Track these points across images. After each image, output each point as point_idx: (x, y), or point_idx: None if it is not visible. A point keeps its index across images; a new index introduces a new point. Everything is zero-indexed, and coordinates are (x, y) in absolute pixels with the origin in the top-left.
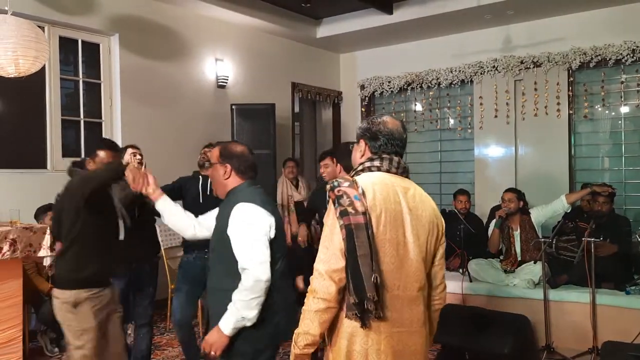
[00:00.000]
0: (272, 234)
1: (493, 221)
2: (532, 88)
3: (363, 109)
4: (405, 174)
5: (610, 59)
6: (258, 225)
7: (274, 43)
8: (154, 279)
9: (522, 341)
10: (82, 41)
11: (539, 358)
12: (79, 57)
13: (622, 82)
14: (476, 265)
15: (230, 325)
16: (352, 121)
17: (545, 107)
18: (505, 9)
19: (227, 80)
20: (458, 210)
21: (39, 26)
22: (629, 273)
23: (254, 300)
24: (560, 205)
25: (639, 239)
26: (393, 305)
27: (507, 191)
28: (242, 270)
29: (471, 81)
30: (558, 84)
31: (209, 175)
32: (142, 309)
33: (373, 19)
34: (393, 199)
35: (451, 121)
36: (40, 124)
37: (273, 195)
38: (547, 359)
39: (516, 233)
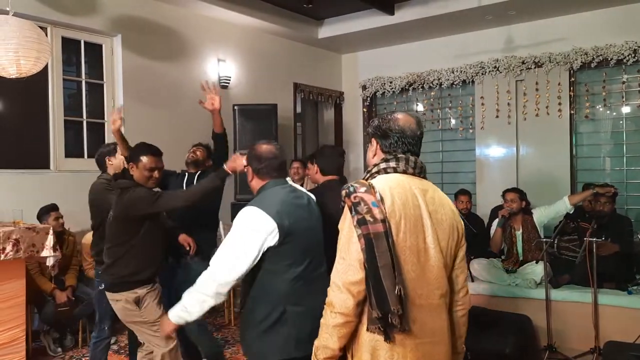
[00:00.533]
0: (275, 240)
1: (495, 220)
2: (534, 88)
3: (365, 110)
4: (423, 175)
5: (611, 59)
6: (248, 229)
7: (275, 43)
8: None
9: (524, 341)
10: (85, 42)
11: (541, 358)
12: (81, 58)
13: (624, 82)
14: (478, 265)
15: (174, 312)
16: (354, 122)
17: (547, 107)
18: (507, 10)
19: (229, 80)
20: (459, 211)
21: (42, 27)
22: (631, 273)
23: (200, 298)
24: (563, 206)
25: None
26: (416, 316)
27: (510, 191)
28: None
29: (472, 81)
30: (559, 84)
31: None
32: None
33: (375, 20)
34: (412, 203)
35: (452, 121)
36: (43, 125)
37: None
38: (549, 358)
39: (518, 233)
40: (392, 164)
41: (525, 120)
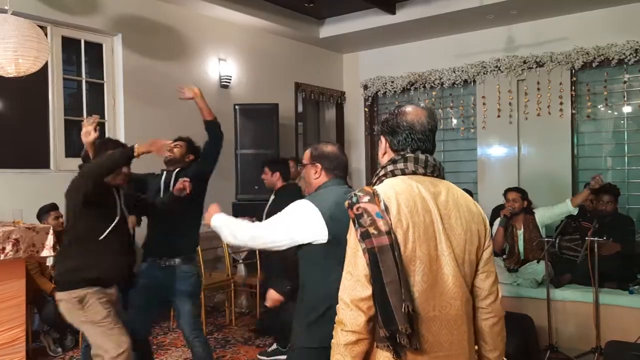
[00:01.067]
0: (321, 236)
1: (497, 220)
2: (535, 88)
3: (366, 109)
4: (437, 173)
5: (613, 59)
6: (294, 213)
7: (277, 43)
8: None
9: (525, 341)
10: (85, 41)
11: (542, 358)
12: (81, 57)
13: (625, 82)
14: None
15: (220, 219)
16: (356, 121)
17: (548, 107)
18: (508, 9)
19: (230, 80)
20: None
21: (42, 26)
22: (632, 272)
23: (232, 233)
24: (565, 209)
25: None
26: (429, 328)
27: (512, 191)
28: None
29: (474, 81)
30: (561, 83)
31: (303, 175)
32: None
33: (376, 19)
34: (422, 209)
35: (454, 121)
36: (43, 124)
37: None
38: (550, 358)
39: (520, 232)
40: (400, 165)
41: (526, 120)
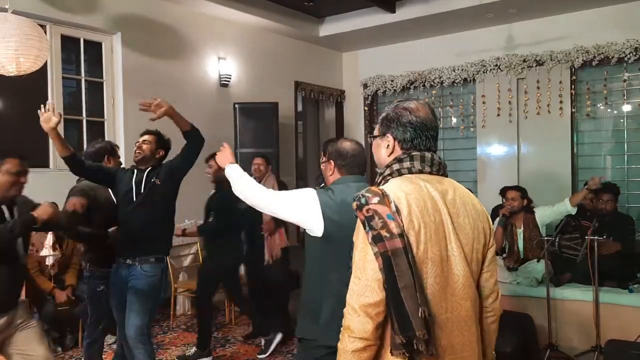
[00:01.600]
0: (317, 228)
1: (497, 219)
2: (535, 87)
3: (366, 108)
4: (442, 172)
5: (612, 57)
6: (299, 196)
7: (276, 42)
8: None
9: (525, 340)
10: (85, 40)
11: (542, 357)
12: (81, 56)
13: (625, 81)
14: None
15: (235, 169)
16: (355, 120)
17: (548, 106)
18: (508, 8)
19: (230, 79)
20: None
21: (41, 25)
22: (632, 271)
23: (244, 188)
24: (564, 208)
25: None
26: (442, 331)
27: (511, 189)
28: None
29: (474, 80)
30: (560, 82)
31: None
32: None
33: (376, 18)
34: (432, 208)
35: (454, 120)
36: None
37: None
38: (550, 357)
39: (519, 231)
40: (406, 164)
41: (526, 118)
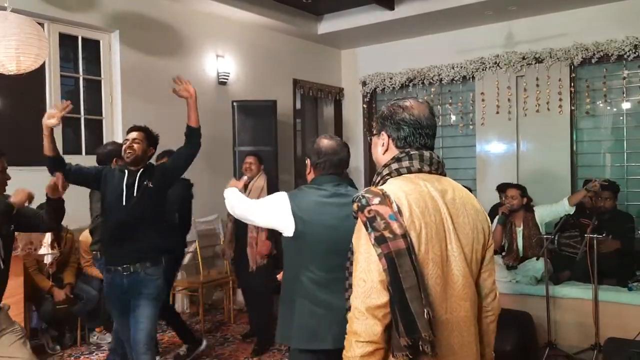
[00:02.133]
0: (287, 228)
1: (496, 217)
2: (534, 84)
3: (365, 106)
4: (440, 171)
5: (612, 55)
6: (265, 203)
7: (275, 39)
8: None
9: (525, 338)
10: (82, 38)
11: (542, 355)
12: (79, 54)
13: (624, 78)
14: None
15: (228, 194)
16: (354, 118)
17: (547, 103)
18: (507, 5)
19: (228, 76)
20: None
21: (39, 22)
22: (631, 269)
23: (232, 203)
24: (562, 209)
25: None
26: (442, 332)
27: (511, 187)
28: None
29: (473, 77)
30: (560, 79)
31: None
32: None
33: (374, 15)
34: (432, 208)
35: (453, 117)
36: (40, 122)
37: None
38: (550, 355)
39: (519, 229)
40: (405, 163)
41: (525, 116)
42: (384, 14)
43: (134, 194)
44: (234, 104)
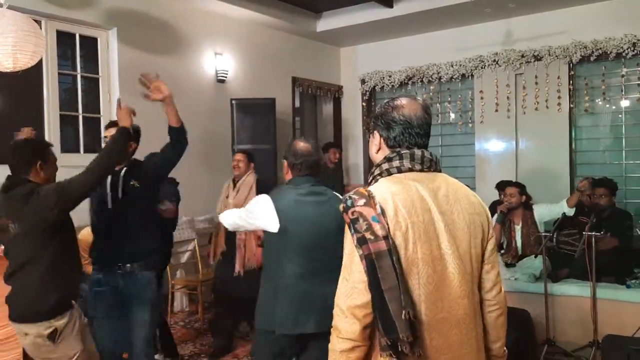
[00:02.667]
0: (272, 225)
1: (495, 215)
2: (533, 82)
3: (364, 104)
4: (434, 168)
5: (611, 53)
6: (251, 209)
7: (273, 37)
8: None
9: (523, 335)
10: (80, 35)
11: (540, 352)
12: (76, 52)
13: (623, 76)
14: None
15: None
16: (353, 116)
17: (546, 101)
18: (506, 2)
19: (227, 74)
20: None
21: (36, 20)
22: (630, 267)
23: (227, 224)
24: (561, 210)
25: None
26: (438, 331)
27: (510, 186)
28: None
29: (472, 75)
30: (559, 77)
31: None
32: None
33: (373, 13)
34: (421, 208)
35: (452, 115)
36: (38, 120)
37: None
38: (548, 353)
39: (518, 227)
40: (396, 163)
41: (524, 114)
42: (383, 12)
43: (119, 196)
44: (233, 102)
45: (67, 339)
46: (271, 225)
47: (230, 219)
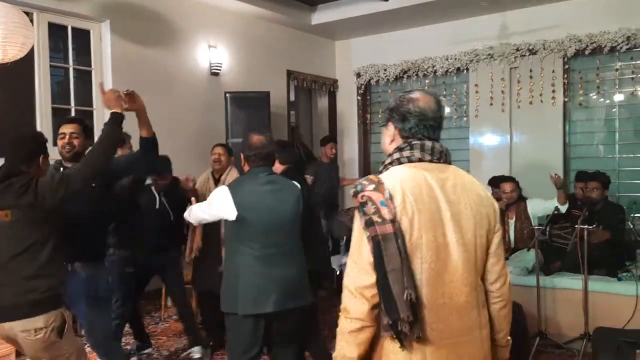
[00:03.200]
0: (230, 214)
1: None
2: (528, 76)
3: (359, 97)
4: (444, 160)
5: (605, 46)
6: (211, 200)
7: (268, 29)
8: None
9: (515, 328)
10: (72, 27)
11: (532, 344)
12: (68, 44)
13: (617, 70)
14: None
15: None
16: (348, 110)
17: (541, 95)
18: None
19: (221, 67)
20: None
21: (27, 12)
22: (621, 260)
23: (191, 219)
24: (553, 206)
25: (632, 226)
26: (439, 316)
27: (506, 182)
28: None
29: (467, 69)
30: (553, 71)
31: None
32: None
33: (368, 6)
34: (428, 196)
35: (447, 109)
36: (30, 113)
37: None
38: (540, 345)
39: (511, 221)
40: (406, 152)
41: (519, 108)
42: (378, 5)
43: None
44: (227, 95)
45: (69, 333)
46: (230, 214)
47: (194, 214)
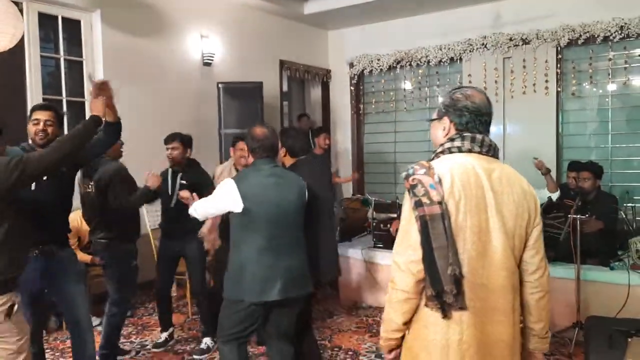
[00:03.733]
0: (237, 207)
1: None
2: (521, 66)
3: (352, 88)
4: (492, 153)
5: (598, 36)
6: (217, 193)
7: (260, 19)
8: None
9: None
10: (63, 17)
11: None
12: (59, 34)
13: (610, 60)
14: None
15: (195, 204)
16: (342, 100)
17: (534, 85)
18: None
19: (213, 57)
20: None
21: (17, 2)
22: (614, 249)
23: (194, 213)
24: (546, 195)
25: (624, 216)
26: (477, 294)
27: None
28: None
29: (460, 59)
30: (546, 61)
31: None
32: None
33: None
34: (475, 183)
35: (440, 99)
36: (20, 104)
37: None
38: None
39: None
40: (457, 143)
41: (512, 98)
42: None
43: (45, 178)
44: (219, 85)
45: (19, 316)
46: (236, 206)
47: (200, 209)
